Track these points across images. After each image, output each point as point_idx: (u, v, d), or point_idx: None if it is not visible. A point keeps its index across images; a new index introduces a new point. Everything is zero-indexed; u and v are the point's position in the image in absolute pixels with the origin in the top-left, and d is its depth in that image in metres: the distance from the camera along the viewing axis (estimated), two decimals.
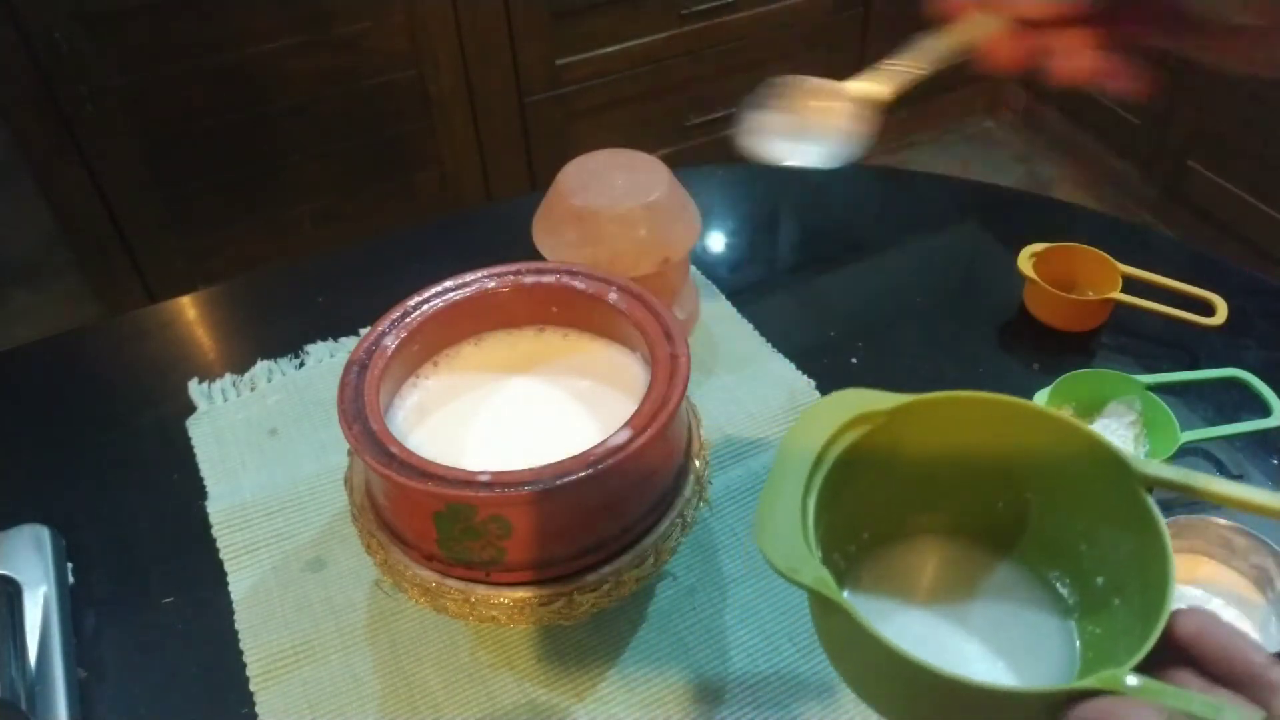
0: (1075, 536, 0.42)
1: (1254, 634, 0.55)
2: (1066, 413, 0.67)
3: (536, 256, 0.67)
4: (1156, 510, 0.37)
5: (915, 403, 0.41)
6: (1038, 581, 0.44)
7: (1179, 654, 0.33)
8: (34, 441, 0.71)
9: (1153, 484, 0.38)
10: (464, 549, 0.47)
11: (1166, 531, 0.36)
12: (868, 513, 0.44)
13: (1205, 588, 0.57)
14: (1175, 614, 0.34)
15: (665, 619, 0.58)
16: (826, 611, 0.37)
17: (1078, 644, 0.41)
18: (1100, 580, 0.41)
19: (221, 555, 0.62)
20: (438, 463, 0.46)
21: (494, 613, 0.49)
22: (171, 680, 0.56)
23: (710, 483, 0.55)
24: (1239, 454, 0.66)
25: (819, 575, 0.35)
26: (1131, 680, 0.32)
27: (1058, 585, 0.43)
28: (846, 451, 0.41)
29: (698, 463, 0.54)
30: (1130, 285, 0.74)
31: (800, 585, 0.36)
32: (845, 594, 0.42)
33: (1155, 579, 0.35)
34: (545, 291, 0.57)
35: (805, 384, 0.72)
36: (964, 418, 0.42)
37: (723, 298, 0.80)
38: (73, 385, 0.76)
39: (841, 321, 0.79)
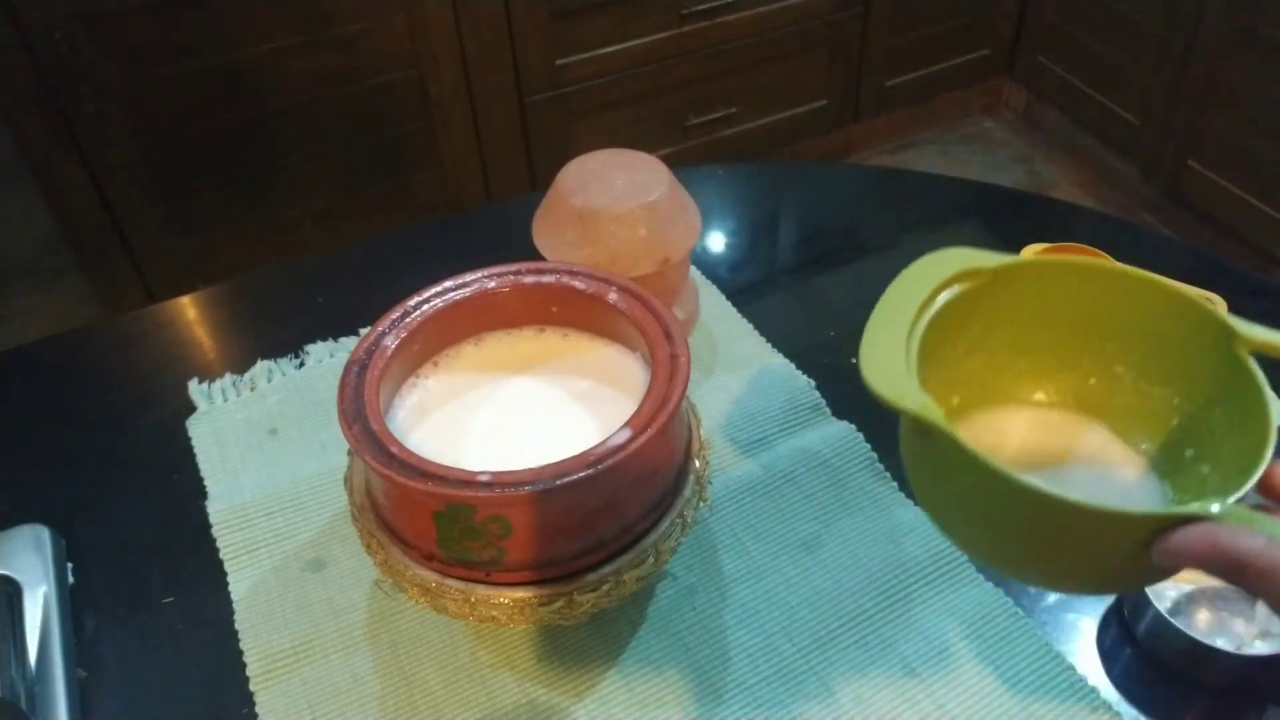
0: (1167, 410, 0.42)
1: (1256, 633, 0.55)
2: None
3: (536, 256, 0.67)
4: (1259, 371, 0.37)
5: (1019, 264, 0.41)
6: (1127, 449, 0.43)
7: (1276, 504, 0.33)
8: (34, 441, 0.71)
9: (1257, 348, 0.38)
10: (464, 549, 0.47)
11: (1268, 389, 0.36)
12: (960, 377, 0.44)
13: (1208, 587, 0.57)
14: (1274, 464, 0.33)
15: (665, 619, 0.58)
16: (926, 440, 0.37)
17: (1169, 505, 0.41)
18: (1190, 452, 0.41)
19: (221, 555, 0.62)
20: (438, 463, 0.46)
21: (494, 613, 0.49)
22: (171, 680, 0.56)
23: (710, 483, 0.55)
24: None
25: (923, 401, 0.35)
26: (1231, 508, 0.32)
27: (1148, 454, 0.43)
28: (946, 308, 0.40)
29: (698, 463, 0.54)
30: None
31: (904, 411, 0.36)
32: None
33: (1253, 436, 0.35)
34: (545, 291, 0.57)
35: (805, 384, 0.72)
36: (1064, 284, 0.42)
37: (723, 298, 0.80)
38: (73, 385, 0.76)
39: (841, 321, 0.79)
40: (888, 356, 0.38)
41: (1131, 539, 0.33)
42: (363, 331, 0.67)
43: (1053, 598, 0.58)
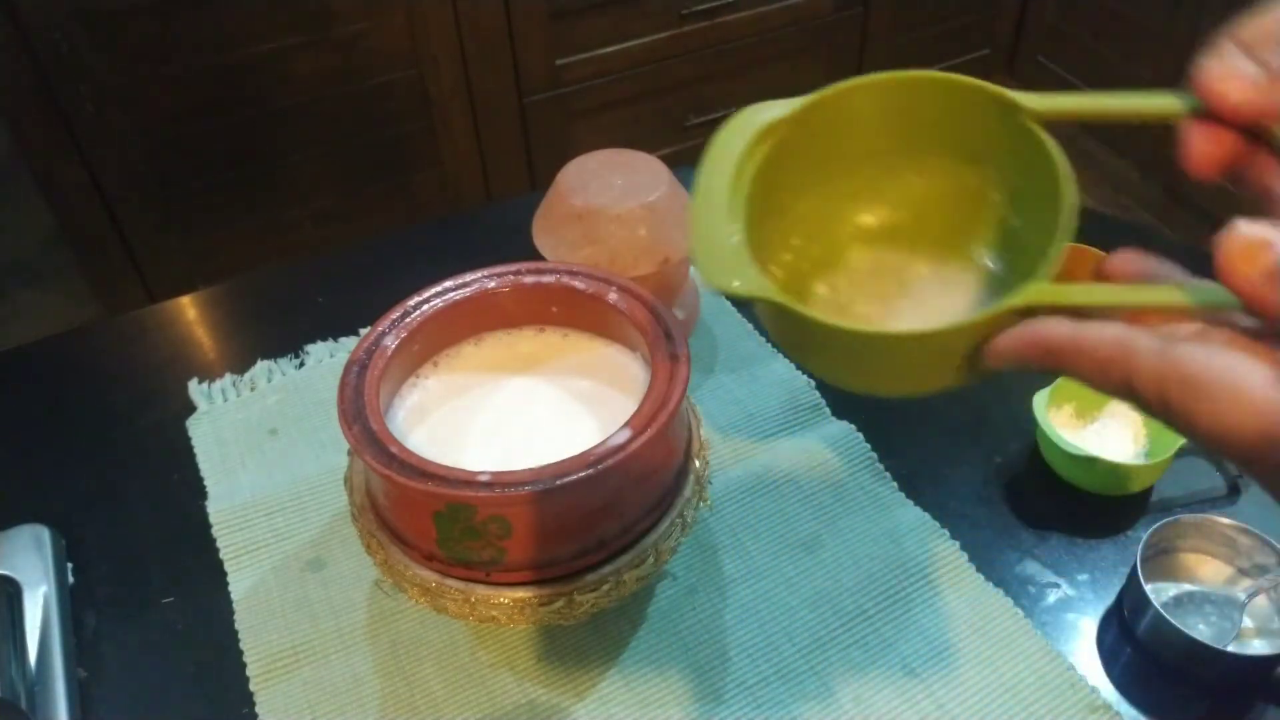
0: (975, 199, 0.42)
1: (1255, 633, 0.55)
2: (1067, 413, 0.67)
3: (536, 256, 0.67)
4: (1049, 141, 0.38)
5: (812, 103, 0.41)
6: (961, 260, 0.44)
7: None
8: (34, 441, 0.71)
9: (1044, 117, 0.38)
10: (464, 549, 0.47)
11: (1056, 150, 0.37)
12: (796, 218, 0.44)
13: (1207, 587, 0.57)
14: (1116, 258, 0.34)
15: (665, 619, 0.58)
16: (774, 315, 0.38)
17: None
18: (1016, 222, 0.41)
19: (221, 555, 0.62)
20: (438, 463, 0.46)
21: (494, 613, 0.49)
22: (171, 680, 0.56)
23: (710, 483, 0.55)
24: None
25: (751, 282, 0.37)
26: (1036, 292, 0.32)
27: (985, 260, 0.43)
28: (760, 171, 0.41)
29: (698, 463, 0.54)
30: None
31: (743, 296, 0.37)
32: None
33: (1051, 211, 0.36)
34: (545, 291, 0.57)
35: (805, 384, 0.72)
36: (856, 108, 0.42)
37: (723, 298, 0.80)
38: (73, 385, 0.76)
39: None
40: (714, 242, 0.38)
41: (961, 348, 0.34)
42: (363, 331, 0.67)
43: (1053, 597, 0.58)
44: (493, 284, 0.56)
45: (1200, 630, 0.54)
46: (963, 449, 0.67)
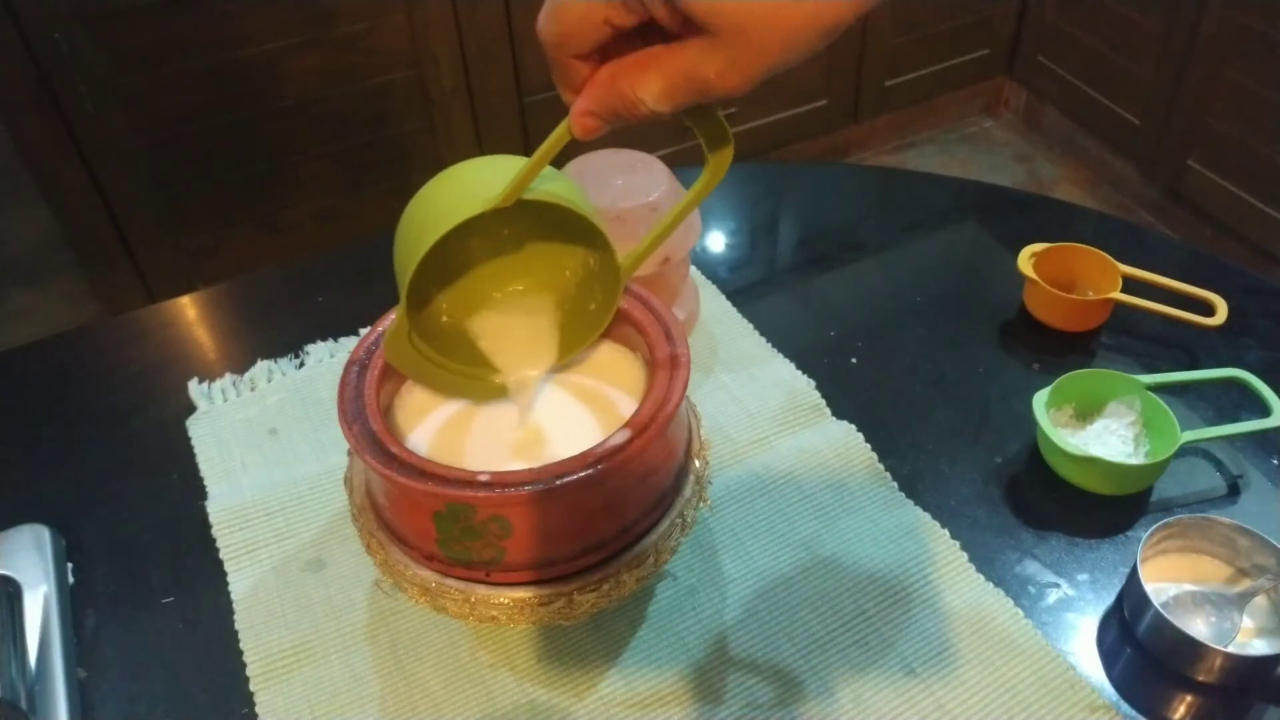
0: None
1: (1255, 633, 0.55)
2: (1067, 413, 0.67)
3: None
4: (536, 196, 0.45)
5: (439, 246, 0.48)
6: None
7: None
8: (34, 441, 0.71)
9: (517, 196, 0.45)
10: (464, 549, 0.47)
11: (547, 195, 0.46)
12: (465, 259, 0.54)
13: (1207, 587, 0.57)
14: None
15: (665, 619, 0.58)
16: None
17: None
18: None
19: (221, 555, 0.62)
20: (438, 463, 0.46)
21: (494, 613, 0.49)
22: (171, 680, 0.56)
23: (710, 483, 0.55)
24: (1239, 454, 0.66)
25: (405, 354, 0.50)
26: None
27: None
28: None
29: (698, 463, 0.54)
30: (1130, 285, 0.74)
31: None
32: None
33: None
34: None
35: (805, 384, 0.72)
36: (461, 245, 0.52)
37: (723, 298, 0.80)
38: (73, 385, 0.76)
39: (841, 321, 0.79)
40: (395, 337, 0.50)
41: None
42: (363, 331, 0.67)
43: (1053, 597, 0.58)
44: None
45: (1200, 630, 0.54)
46: (963, 449, 0.67)
